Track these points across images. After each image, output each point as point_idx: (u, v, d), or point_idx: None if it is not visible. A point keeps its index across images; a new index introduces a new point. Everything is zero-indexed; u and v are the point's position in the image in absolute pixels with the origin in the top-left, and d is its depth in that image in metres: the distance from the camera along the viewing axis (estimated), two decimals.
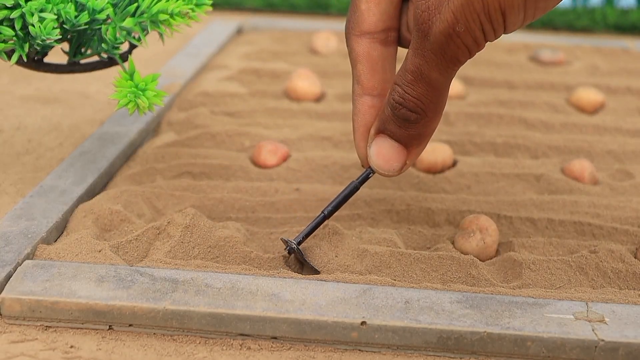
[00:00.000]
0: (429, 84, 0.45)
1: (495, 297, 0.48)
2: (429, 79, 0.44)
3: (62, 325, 0.47)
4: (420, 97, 0.45)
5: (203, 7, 0.58)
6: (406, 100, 0.46)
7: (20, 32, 0.55)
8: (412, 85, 0.45)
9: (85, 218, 0.55)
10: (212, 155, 0.65)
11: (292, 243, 0.51)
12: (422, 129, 0.47)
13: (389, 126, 0.47)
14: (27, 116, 0.77)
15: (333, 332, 0.46)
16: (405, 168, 0.49)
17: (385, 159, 0.48)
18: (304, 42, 0.99)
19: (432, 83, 0.45)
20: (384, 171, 0.49)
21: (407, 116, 0.46)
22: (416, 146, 0.48)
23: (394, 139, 0.48)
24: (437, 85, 0.45)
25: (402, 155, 0.48)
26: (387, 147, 0.48)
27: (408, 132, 0.47)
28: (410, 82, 0.45)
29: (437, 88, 0.45)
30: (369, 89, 0.49)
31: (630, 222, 0.58)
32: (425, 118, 0.46)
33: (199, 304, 0.46)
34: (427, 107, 0.46)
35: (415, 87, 0.45)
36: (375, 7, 0.48)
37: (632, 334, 0.45)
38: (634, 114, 0.79)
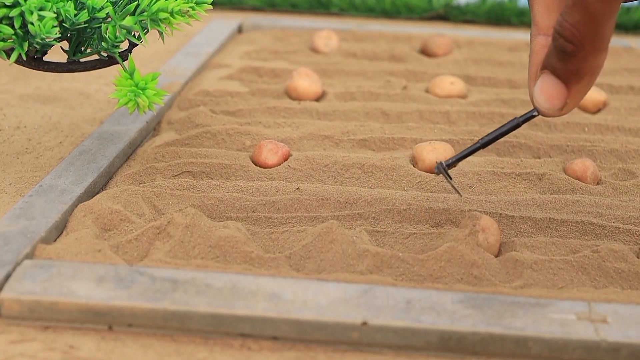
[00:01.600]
0: (587, 10, 0.43)
1: (497, 297, 0.48)
2: (587, 4, 0.43)
3: (61, 326, 0.47)
4: (577, 25, 0.44)
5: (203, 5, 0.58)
6: (563, 29, 0.44)
7: (19, 30, 0.54)
8: (570, 11, 0.44)
9: (85, 218, 0.55)
10: (213, 154, 0.65)
11: (442, 164, 0.52)
12: (579, 63, 0.45)
13: (551, 60, 0.46)
14: (27, 115, 0.77)
15: (334, 332, 0.46)
16: (567, 108, 0.47)
17: (547, 96, 0.47)
18: (305, 41, 0.98)
19: (589, 9, 0.43)
20: (545, 109, 0.48)
21: (563, 47, 0.45)
22: (576, 83, 0.47)
23: (555, 74, 0.47)
24: (595, 12, 0.43)
25: (562, 93, 0.47)
26: (549, 84, 0.47)
27: (566, 67, 0.46)
28: (569, 7, 0.44)
29: (595, 16, 0.44)
30: (544, 29, 0.49)
31: (633, 221, 0.58)
32: (583, 50, 0.45)
33: (199, 304, 0.46)
34: (584, 38, 0.44)
35: (573, 13, 0.44)
36: None
37: (635, 334, 0.45)
38: (636, 113, 0.79)
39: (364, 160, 0.64)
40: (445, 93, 0.80)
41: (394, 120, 0.75)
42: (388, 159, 0.65)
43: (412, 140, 0.69)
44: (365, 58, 0.93)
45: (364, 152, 0.68)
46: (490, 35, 1.03)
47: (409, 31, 1.03)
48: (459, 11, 1.17)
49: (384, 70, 0.87)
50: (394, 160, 0.64)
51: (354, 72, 0.87)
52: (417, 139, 0.69)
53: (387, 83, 0.83)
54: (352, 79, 0.86)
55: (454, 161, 0.52)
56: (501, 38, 1.02)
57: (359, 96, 0.80)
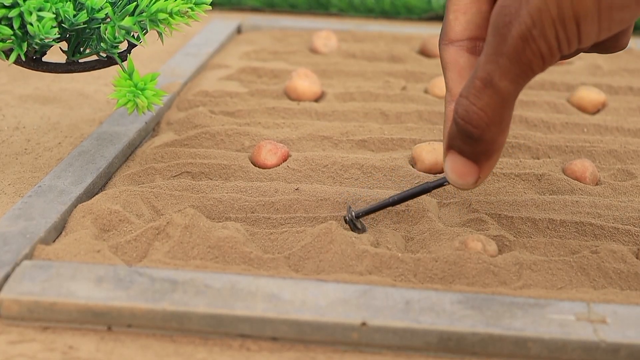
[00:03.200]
0: (497, 92, 0.44)
1: (496, 298, 0.48)
2: (498, 88, 0.44)
3: (60, 326, 0.47)
4: (485, 108, 0.44)
5: (202, 6, 0.58)
6: (469, 113, 0.45)
7: (18, 31, 0.54)
8: (478, 94, 0.44)
9: (84, 218, 0.55)
10: (212, 155, 0.65)
11: (351, 213, 0.54)
12: (487, 145, 0.46)
13: (456, 142, 0.47)
14: (26, 116, 0.77)
15: (333, 333, 0.46)
16: (480, 181, 0.48)
17: (458, 174, 0.48)
18: (304, 42, 0.98)
19: (500, 92, 0.44)
20: (459, 185, 0.49)
21: (470, 132, 0.45)
22: (486, 161, 0.47)
23: (463, 155, 0.47)
24: (505, 95, 0.44)
25: (473, 171, 0.48)
26: (458, 163, 0.48)
27: (474, 149, 0.46)
28: (477, 90, 0.44)
29: (504, 99, 0.44)
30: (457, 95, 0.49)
31: (632, 222, 0.58)
32: (489, 134, 0.45)
33: (199, 305, 0.46)
34: (491, 121, 0.45)
35: (481, 96, 0.44)
36: (462, 17, 0.49)
37: (634, 335, 0.45)
38: (635, 114, 0.79)
39: (363, 161, 0.64)
40: (444, 93, 0.80)
41: (393, 121, 0.75)
42: (387, 159, 0.65)
43: (412, 141, 0.69)
44: (364, 58, 0.93)
45: (363, 153, 0.68)
46: None
47: (408, 32, 1.03)
48: None
49: (383, 71, 0.87)
50: (393, 161, 0.64)
51: (353, 73, 0.87)
52: (416, 139, 0.69)
53: (386, 83, 0.83)
54: (351, 79, 0.86)
55: (362, 214, 0.54)
56: None
57: (358, 97, 0.80)
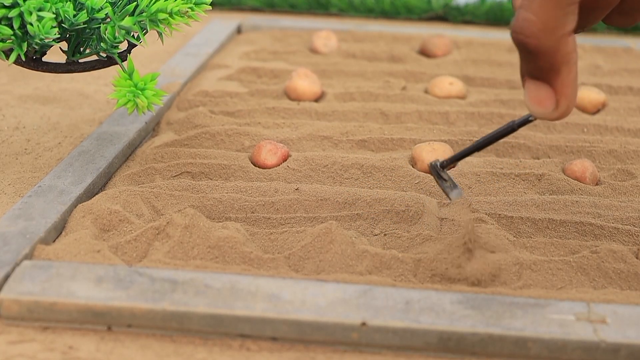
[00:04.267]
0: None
1: (496, 298, 0.48)
2: None
3: (60, 326, 0.47)
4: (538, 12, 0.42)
5: (202, 6, 0.58)
6: (520, 22, 0.43)
7: (18, 31, 0.54)
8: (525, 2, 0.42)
9: (84, 218, 0.55)
10: (212, 155, 0.65)
11: (435, 163, 0.51)
12: (549, 57, 0.43)
13: (524, 66, 0.45)
14: (26, 116, 0.77)
15: (333, 333, 0.46)
16: (561, 107, 0.45)
17: (536, 101, 0.45)
18: (304, 42, 0.98)
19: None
20: (540, 114, 0.46)
21: (525, 45, 0.43)
22: (555, 77, 0.44)
23: (534, 78, 0.45)
24: None
25: (549, 93, 0.45)
26: (532, 89, 0.45)
27: (538, 65, 0.44)
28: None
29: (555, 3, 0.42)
30: None
31: (632, 222, 0.58)
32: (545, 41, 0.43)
33: (199, 305, 0.46)
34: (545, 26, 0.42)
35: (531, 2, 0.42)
36: None
37: (634, 335, 0.45)
38: (635, 114, 0.79)
39: (363, 161, 0.64)
40: (444, 94, 0.80)
41: (393, 121, 0.75)
42: (387, 159, 0.65)
43: (411, 141, 0.69)
44: (364, 58, 0.93)
45: (363, 153, 0.68)
46: (489, 36, 1.03)
47: (408, 32, 1.03)
48: (458, 12, 1.17)
49: (383, 71, 0.87)
50: (393, 161, 0.64)
51: (353, 73, 0.87)
52: (416, 139, 0.69)
53: (386, 83, 0.83)
54: (351, 79, 0.86)
55: (448, 162, 0.51)
56: (500, 38, 1.02)
57: (358, 97, 0.80)
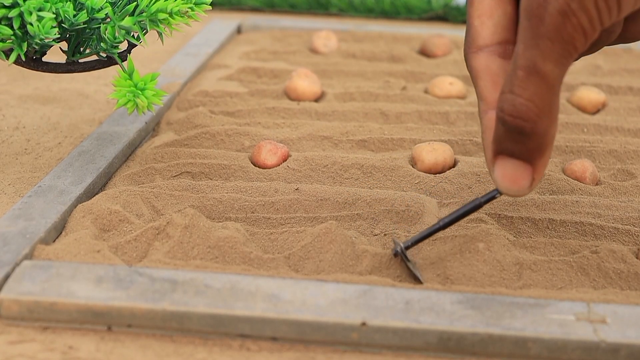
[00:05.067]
0: (543, 78, 0.42)
1: (496, 298, 0.48)
2: (543, 73, 0.42)
3: (60, 326, 0.47)
4: (533, 98, 0.42)
5: (202, 6, 0.58)
6: (517, 107, 0.43)
7: (18, 31, 0.54)
8: (523, 84, 0.42)
9: (84, 218, 0.55)
10: (212, 155, 0.65)
11: (398, 246, 0.50)
12: (540, 139, 0.44)
13: (505, 145, 0.45)
14: (26, 116, 0.77)
15: (333, 333, 0.46)
16: (535, 184, 0.46)
17: (511, 180, 0.45)
18: (304, 42, 0.98)
19: (546, 77, 0.42)
20: (513, 192, 0.46)
21: (521, 127, 0.43)
22: (539, 158, 0.45)
23: (515, 157, 0.45)
24: (551, 80, 0.42)
25: (527, 172, 0.45)
26: (509, 168, 0.45)
27: (527, 147, 0.44)
28: (521, 80, 0.42)
29: (552, 84, 0.42)
30: (493, 103, 0.47)
31: (632, 222, 0.58)
32: (541, 125, 0.43)
33: (199, 305, 0.46)
34: (542, 111, 0.43)
35: (527, 86, 0.42)
36: (489, 20, 0.47)
37: (634, 335, 0.45)
38: (635, 114, 0.79)
39: (363, 161, 0.64)
40: (444, 94, 0.80)
41: (393, 121, 0.75)
42: (387, 159, 0.65)
43: (411, 141, 0.69)
44: (364, 59, 0.93)
45: (363, 153, 0.68)
46: None
47: (408, 32, 1.03)
48: (458, 12, 1.17)
49: (383, 71, 0.87)
50: (393, 161, 0.64)
51: (353, 73, 0.87)
52: (416, 139, 0.69)
53: (386, 84, 0.83)
54: (351, 79, 0.86)
55: (410, 244, 0.51)
56: None
57: (358, 97, 0.80)
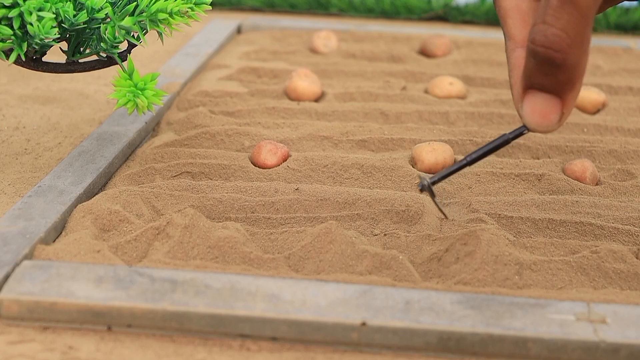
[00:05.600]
0: (577, 8, 0.42)
1: (496, 298, 0.48)
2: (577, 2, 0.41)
3: (60, 326, 0.47)
4: (566, 28, 0.42)
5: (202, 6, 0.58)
6: (549, 37, 0.42)
7: (18, 31, 0.54)
8: (556, 14, 0.42)
9: (84, 218, 0.55)
10: (212, 155, 0.65)
11: (425, 181, 0.49)
12: (571, 71, 0.43)
13: (536, 79, 0.44)
14: (26, 116, 0.77)
15: (333, 333, 0.46)
16: (564, 119, 0.45)
17: (540, 114, 0.45)
18: (304, 42, 0.98)
19: (580, 7, 0.42)
20: (542, 128, 0.45)
21: (552, 58, 0.43)
22: (570, 91, 0.44)
23: (545, 91, 0.45)
24: (584, 9, 0.42)
25: (557, 106, 0.45)
26: (539, 102, 0.45)
27: (557, 79, 0.44)
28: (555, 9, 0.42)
29: (585, 14, 0.42)
30: (522, 41, 0.47)
31: (632, 222, 0.58)
32: (572, 56, 0.43)
33: (199, 305, 0.46)
34: (573, 41, 0.42)
35: (560, 15, 0.42)
36: None
37: (634, 335, 0.45)
38: (635, 114, 0.79)
39: (363, 161, 0.64)
40: (444, 94, 0.80)
41: (393, 121, 0.75)
42: (387, 159, 0.65)
43: (411, 141, 0.69)
44: (364, 59, 0.93)
45: (363, 153, 0.68)
46: (489, 36, 1.03)
47: (408, 32, 1.03)
48: (458, 12, 1.17)
49: (383, 71, 0.87)
50: (393, 161, 0.64)
51: (353, 73, 0.87)
52: (416, 139, 0.69)
53: (386, 84, 0.83)
54: (351, 79, 0.86)
55: (437, 179, 0.50)
56: (500, 39, 1.01)
57: (358, 97, 0.80)
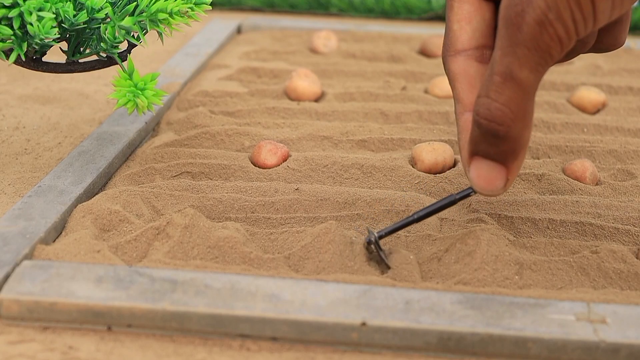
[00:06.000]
0: (518, 84, 0.43)
1: (496, 298, 0.48)
2: (519, 80, 0.43)
3: (60, 326, 0.47)
4: (508, 103, 0.44)
5: (202, 6, 0.58)
6: (492, 111, 0.44)
7: (18, 31, 0.54)
8: (499, 89, 0.44)
9: (84, 218, 0.55)
10: (212, 155, 0.65)
11: (372, 235, 0.51)
12: (514, 142, 0.45)
13: (480, 147, 0.46)
14: (26, 116, 0.77)
15: (333, 333, 0.46)
16: (508, 185, 0.47)
17: (486, 180, 0.47)
18: (304, 42, 0.98)
19: (521, 84, 0.43)
20: (488, 192, 0.47)
21: (495, 131, 0.45)
22: (513, 160, 0.46)
23: (489, 158, 0.47)
24: (526, 86, 0.43)
25: (502, 174, 0.47)
26: (485, 169, 0.47)
27: (501, 149, 0.46)
28: (497, 85, 0.44)
29: (527, 91, 0.44)
30: (470, 105, 0.49)
31: (632, 222, 0.58)
32: (515, 129, 0.44)
33: (199, 305, 0.46)
34: (516, 116, 0.44)
35: (502, 91, 0.44)
36: (467, 25, 0.48)
37: (634, 335, 0.45)
38: (635, 114, 0.79)
39: (363, 161, 0.64)
40: (444, 94, 0.80)
41: (393, 121, 0.75)
42: (387, 159, 0.65)
43: (411, 141, 0.69)
44: (364, 58, 0.93)
45: (363, 153, 0.68)
46: None
47: (408, 32, 1.03)
48: None
49: (383, 71, 0.87)
50: (393, 161, 0.64)
51: (353, 73, 0.87)
52: (416, 139, 0.69)
53: (386, 83, 0.83)
54: (351, 79, 0.86)
55: (384, 234, 0.51)
56: None
57: (358, 97, 0.80)
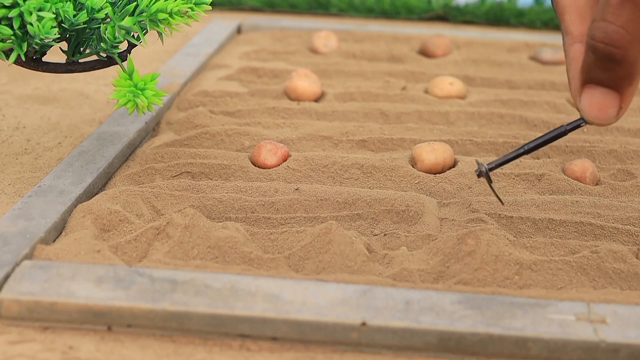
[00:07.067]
0: (636, 5, 0.42)
1: (496, 298, 0.48)
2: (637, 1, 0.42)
3: (60, 326, 0.47)
4: (626, 25, 0.42)
5: (202, 6, 0.58)
6: (609, 34, 0.43)
7: (18, 31, 0.54)
8: (617, 11, 0.42)
9: (84, 218, 0.55)
10: (212, 155, 0.65)
11: (482, 167, 0.50)
12: (630, 66, 0.44)
13: (594, 74, 0.45)
14: (26, 116, 0.77)
15: (333, 333, 0.46)
16: (621, 113, 0.46)
17: (598, 108, 0.46)
18: (304, 42, 0.98)
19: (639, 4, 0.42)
20: (600, 121, 0.46)
21: (612, 54, 0.43)
22: (628, 86, 0.45)
23: (603, 85, 0.45)
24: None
25: (615, 101, 0.45)
26: (598, 96, 0.46)
27: (616, 74, 0.44)
28: (615, 7, 0.42)
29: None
30: (580, 36, 0.47)
31: (632, 222, 0.58)
32: (632, 52, 0.43)
33: (199, 305, 0.46)
34: (633, 38, 0.42)
35: (620, 12, 0.42)
36: None
37: (634, 335, 0.45)
38: (635, 114, 0.79)
39: (363, 161, 0.64)
40: (444, 94, 0.80)
41: (393, 121, 0.75)
42: (387, 159, 0.65)
43: (411, 141, 0.69)
44: (364, 59, 0.93)
45: (363, 153, 0.68)
46: (489, 36, 1.03)
47: (408, 32, 1.03)
48: (458, 12, 1.17)
49: (383, 71, 0.87)
50: (393, 161, 0.64)
51: (353, 73, 0.87)
52: (416, 139, 0.69)
53: (386, 84, 0.83)
54: (351, 79, 0.86)
55: (495, 165, 0.50)
56: (500, 39, 1.02)
57: (358, 97, 0.80)
